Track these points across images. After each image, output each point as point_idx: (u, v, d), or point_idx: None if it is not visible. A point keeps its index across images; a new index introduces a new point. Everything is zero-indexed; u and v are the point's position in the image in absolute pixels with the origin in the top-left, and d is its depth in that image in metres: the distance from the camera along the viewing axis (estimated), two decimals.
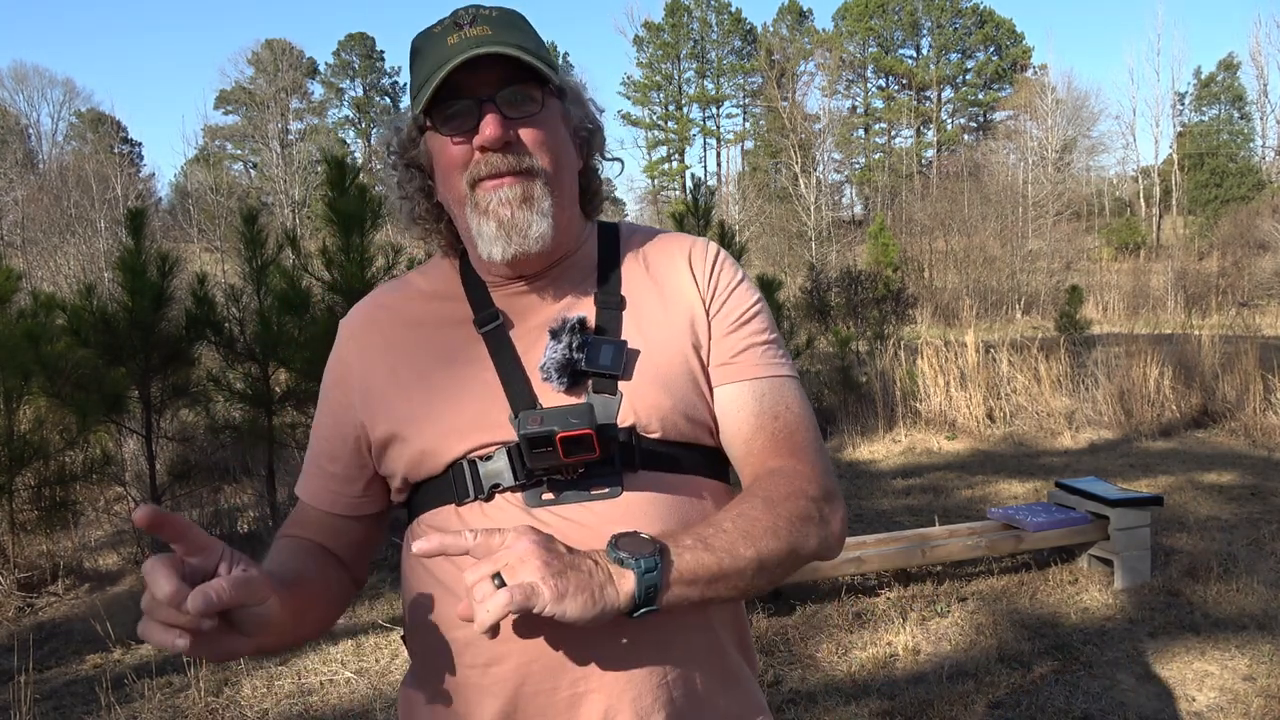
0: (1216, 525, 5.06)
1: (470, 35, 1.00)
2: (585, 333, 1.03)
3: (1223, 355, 8.53)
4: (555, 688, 0.96)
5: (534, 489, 0.99)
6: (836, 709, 3.15)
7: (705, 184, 8.89)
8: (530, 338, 1.05)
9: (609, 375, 1.02)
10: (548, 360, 1.02)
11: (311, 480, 1.15)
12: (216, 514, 5.54)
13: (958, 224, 29.36)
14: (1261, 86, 42.66)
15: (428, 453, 1.02)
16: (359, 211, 5.21)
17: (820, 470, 1.03)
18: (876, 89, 51.16)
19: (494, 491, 1.00)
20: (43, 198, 27.49)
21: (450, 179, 1.03)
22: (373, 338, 1.11)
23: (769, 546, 0.93)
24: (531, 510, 0.98)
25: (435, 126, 1.03)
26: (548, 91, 1.03)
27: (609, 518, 0.97)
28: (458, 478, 1.01)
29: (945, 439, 7.88)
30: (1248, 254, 26.12)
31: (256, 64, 44.97)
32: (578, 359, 1.01)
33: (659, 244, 1.14)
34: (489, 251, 1.02)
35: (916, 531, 4.41)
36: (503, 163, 1.00)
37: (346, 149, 39.72)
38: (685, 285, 1.09)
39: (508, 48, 0.98)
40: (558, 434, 0.93)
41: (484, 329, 1.06)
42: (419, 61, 1.03)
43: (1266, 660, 3.42)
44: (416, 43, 1.05)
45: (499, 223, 1.01)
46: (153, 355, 5.12)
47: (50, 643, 4.03)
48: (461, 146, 1.01)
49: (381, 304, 1.15)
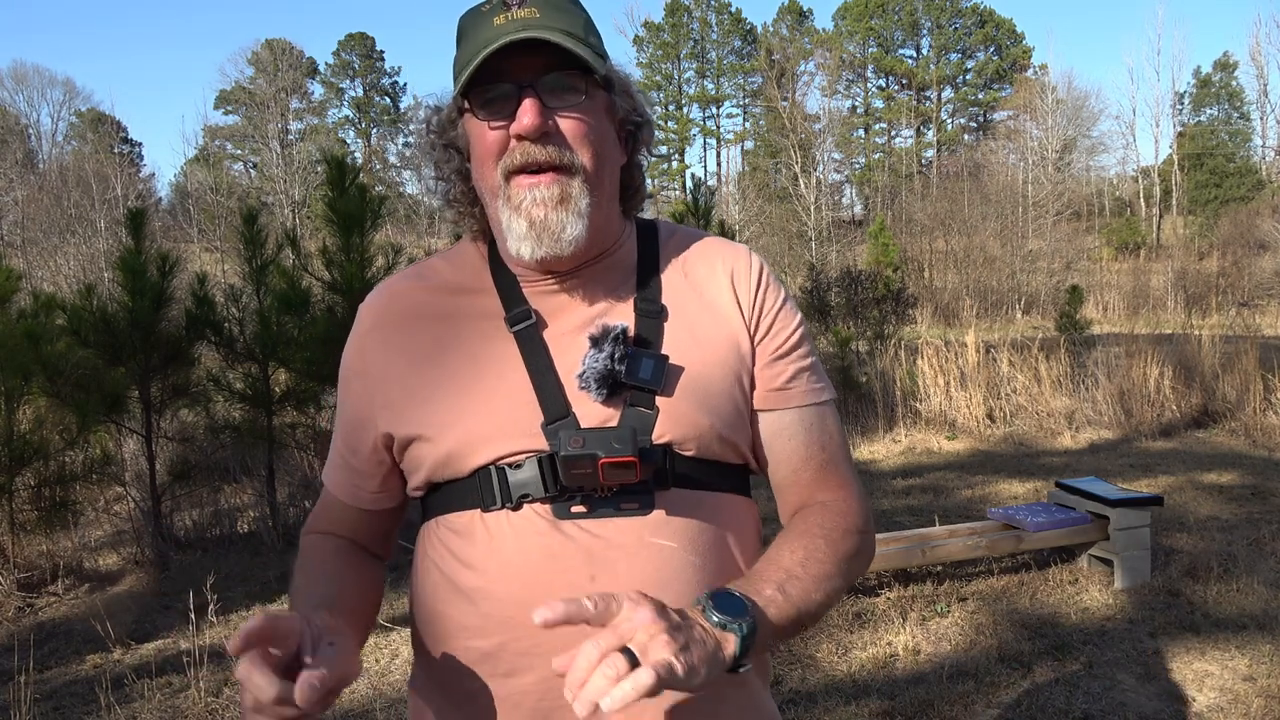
0: (1216, 525, 5.06)
1: (517, 17, 0.95)
2: (628, 344, 0.99)
3: (1223, 355, 8.53)
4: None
5: (563, 501, 0.96)
6: (836, 709, 3.15)
7: (705, 184, 8.90)
8: (563, 341, 1.01)
9: (648, 389, 0.98)
10: (587, 369, 0.98)
11: (336, 471, 1.13)
12: (216, 514, 5.54)
13: (958, 224, 29.34)
14: (1261, 86, 42.68)
15: (454, 455, 0.99)
16: (359, 211, 5.22)
17: (861, 499, 1.07)
18: (876, 89, 51.18)
19: (523, 501, 0.96)
20: (43, 198, 27.48)
21: (485, 166, 0.99)
22: (397, 329, 1.06)
23: (834, 587, 0.97)
24: (560, 523, 0.96)
25: (473, 110, 0.98)
26: (593, 81, 0.98)
27: (639, 534, 0.96)
28: (484, 483, 0.98)
29: (945, 439, 7.88)
30: (1248, 254, 26.12)
31: (256, 64, 44.97)
32: (619, 370, 0.97)
33: (701, 250, 1.09)
34: (518, 249, 0.98)
35: (916, 531, 4.41)
36: (540, 154, 0.95)
37: (346, 149, 39.69)
38: (728, 302, 1.05)
39: (553, 33, 0.93)
40: (600, 459, 0.91)
41: (516, 328, 1.02)
42: (464, 41, 0.99)
43: (1266, 660, 3.42)
44: (464, 21, 1.00)
45: (531, 222, 0.97)
46: (153, 355, 5.12)
47: (50, 643, 4.03)
48: (498, 133, 0.96)
49: (406, 292, 1.09)
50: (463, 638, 0.99)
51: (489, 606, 0.96)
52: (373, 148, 48.56)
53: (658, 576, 0.95)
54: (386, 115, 50.02)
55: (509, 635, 0.95)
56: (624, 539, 0.95)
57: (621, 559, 0.95)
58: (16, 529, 4.79)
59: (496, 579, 0.96)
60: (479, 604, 0.97)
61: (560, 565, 0.95)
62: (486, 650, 0.97)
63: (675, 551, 0.97)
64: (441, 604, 1.01)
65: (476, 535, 0.98)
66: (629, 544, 0.95)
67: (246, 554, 5.13)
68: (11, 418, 4.72)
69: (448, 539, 1.01)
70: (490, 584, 0.97)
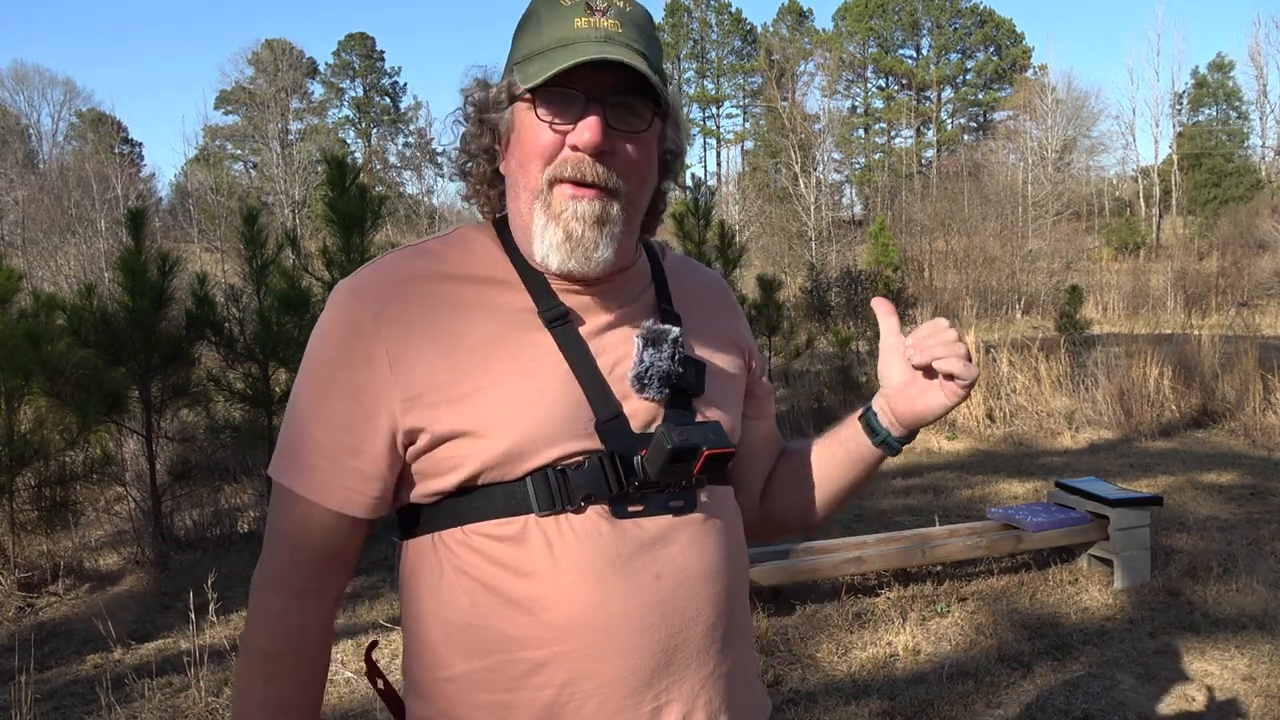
0: (1216, 525, 5.06)
1: (600, 26, 0.93)
2: (683, 346, 1.02)
3: (1223, 355, 8.53)
4: (639, 702, 0.96)
5: (621, 501, 0.96)
6: (836, 709, 3.15)
7: (705, 184, 8.90)
8: (596, 341, 1.00)
9: (690, 392, 1.03)
10: (651, 368, 0.98)
11: (323, 475, 0.98)
12: (216, 514, 5.54)
13: (958, 224, 29.34)
14: (1260, 87, 42.69)
15: (512, 455, 0.94)
16: (359, 211, 5.22)
17: None
18: (876, 89, 51.20)
19: (586, 503, 0.95)
20: (43, 198, 27.47)
21: (529, 164, 0.96)
22: (408, 315, 0.97)
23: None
24: (620, 523, 0.96)
25: (533, 104, 0.95)
26: (656, 111, 0.98)
27: (686, 530, 1.00)
28: (538, 486, 0.94)
29: (945, 439, 7.88)
30: (1247, 254, 26.13)
31: (256, 64, 44.97)
32: (678, 371, 1.00)
33: (692, 270, 1.17)
34: (545, 256, 0.97)
35: (916, 531, 4.41)
36: (591, 171, 0.94)
37: (346, 149, 39.66)
38: (725, 320, 1.15)
39: (636, 59, 0.92)
40: (705, 451, 0.95)
41: (554, 325, 0.99)
42: (535, 28, 0.96)
43: (1266, 660, 3.42)
44: (537, 4, 0.97)
45: (567, 235, 0.95)
46: (153, 355, 5.12)
47: (50, 643, 4.03)
48: (555, 136, 0.94)
49: (411, 275, 1.00)
50: (510, 650, 0.94)
51: (552, 614, 0.93)
52: (373, 148, 48.56)
53: (710, 568, 1.01)
54: (386, 115, 50.04)
55: (571, 642, 0.94)
56: (677, 535, 0.99)
57: (679, 554, 0.98)
58: (17, 529, 4.79)
59: (560, 584, 0.93)
60: (539, 613, 0.94)
61: (627, 565, 0.95)
62: (541, 660, 0.94)
63: (719, 542, 1.02)
64: (481, 618, 0.95)
65: (531, 540, 0.94)
66: (681, 539, 0.99)
67: (247, 554, 5.13)
68: (12, 418, 4.72)
69: (488, 548, 0.95)
70: (552, 590, 0.93)
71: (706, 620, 0.99)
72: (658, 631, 0.95)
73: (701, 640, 0.99)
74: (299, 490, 0.99)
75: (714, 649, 1.00)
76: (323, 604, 1.04)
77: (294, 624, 1.01)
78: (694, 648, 0.98)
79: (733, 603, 1.03)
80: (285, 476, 1.00)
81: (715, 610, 1.00)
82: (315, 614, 1.03)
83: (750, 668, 1.09)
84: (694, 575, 0.98)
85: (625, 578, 0.95)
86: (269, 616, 1.01)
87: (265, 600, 1.02)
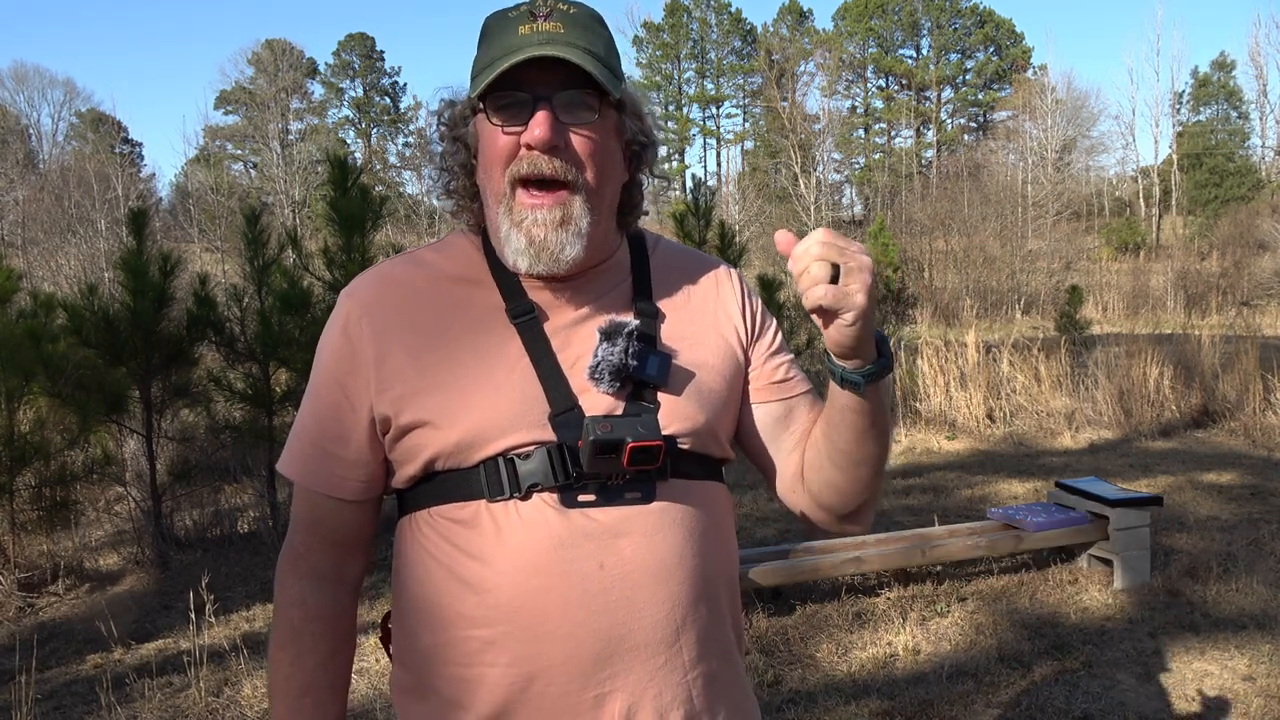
0: (1216, 525, 5.07)
1: (543, 30, 0.98)
2: (639, 340, 1.03)
3: (1223, 355, 8.53)
4: (582, 688, 0.98)
5: (569, 490, 0.99)
6: (836, 709, 3.15)
7: (705, 184, 8.90)
8: (561, 336, 1.04)
9: (653, 385, 1.03)
10: (602, 362, 1.01)
11: (310, 461, 1.09)
12: (217, 514, 5.54)
13: (958, 224, 29.30)
14: (1261, 87, 42.67)
15: (464, 444, 1.00)
16: (360, 212, 5.22)
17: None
18: (876, 89, 51.17)
19: (531, 491, 0.99)
20: (43, 198, 27.46)
21: (492, 170, 1.01)
22: (390, 316, 1.05)
23: (889, 443, 1.10)
24: (568, 512, 0.98)
25: (487, 113, 1.00)
26: (607, 102, 1.01)
27: (639, 523, 1.00)
28: (490, 473, 1.00)
29: (945, 439, 7.88)
30: (1248, 254, 26.07)
31: (256, 64, 44.97)
32: (632, 365, 1.02)
33: (685, 260, 1.17)
34: (515, 261, 1.02)
35: (916, 531, 4.41)
36: (547, 166, 0.98)
37: (347, 149, 39.67)
38: (716, 308, 1.13)
39: (574, 52, 0.96)
40: (629, 444, 0.95)
41: (517, 320, 1.04)
42: (486, 43, 1.01)
43: (1266, 660, 3.42)
44: (489, 22, 1.02)
45: (530, 241, 1.00)
46: (154, 355, 5.12)
47: (51, 643, 4.03)
48: (509, 139, 0.99)
49: (397, 280, 1.08)
50: (462, 628, 1.00)
51: (496, 596, 0.98)
52: (373, 148, 48.52)
53: (663, 562, 1.00)
54: (386, 115, 50.01)
55: (514, 624, 0.98)
56: (629, 527, 0.99)
57: (628, 546, 0.99)
58: (17, 529, 4.79)
59: (504, 568, 0.98)
60: (485, 594, 0.98)
61: (569, 553, 0.98)
62: (489, 639, 0.99)
63: (677, 538, 1.01)
64: (438, 595, 1.02)
65: (482, 525, 0.99)
66: (634, 532, 0.99)
67: (247, 554, 5.14)
68: (12, 418, 4.72)
69: (447, 530, 1.02)
70: (498, 573, 0.98)
71: (657, 614, 0.99)
72: (600, 621, 0.97)
73: (650, 634, 0.99)
74: (296, 478, 1.10)
75: (668, 644, 1.00)
76: (338, 586, 1.13)
77: (311, 605, 1.11)
78: (641, 640, 0.99)
79: (695, 598, 1.02)
80: (285, 466, 1.11)
81: (670, 605, 1.00)
82: (330, 595, 1.12)
83: (728, 667, 1.07)
84: (644, 568, 0.99)
85: (566, 565, 0.97)
86: (288, 598, 1.12)
87: (285, 582, 1.12)
